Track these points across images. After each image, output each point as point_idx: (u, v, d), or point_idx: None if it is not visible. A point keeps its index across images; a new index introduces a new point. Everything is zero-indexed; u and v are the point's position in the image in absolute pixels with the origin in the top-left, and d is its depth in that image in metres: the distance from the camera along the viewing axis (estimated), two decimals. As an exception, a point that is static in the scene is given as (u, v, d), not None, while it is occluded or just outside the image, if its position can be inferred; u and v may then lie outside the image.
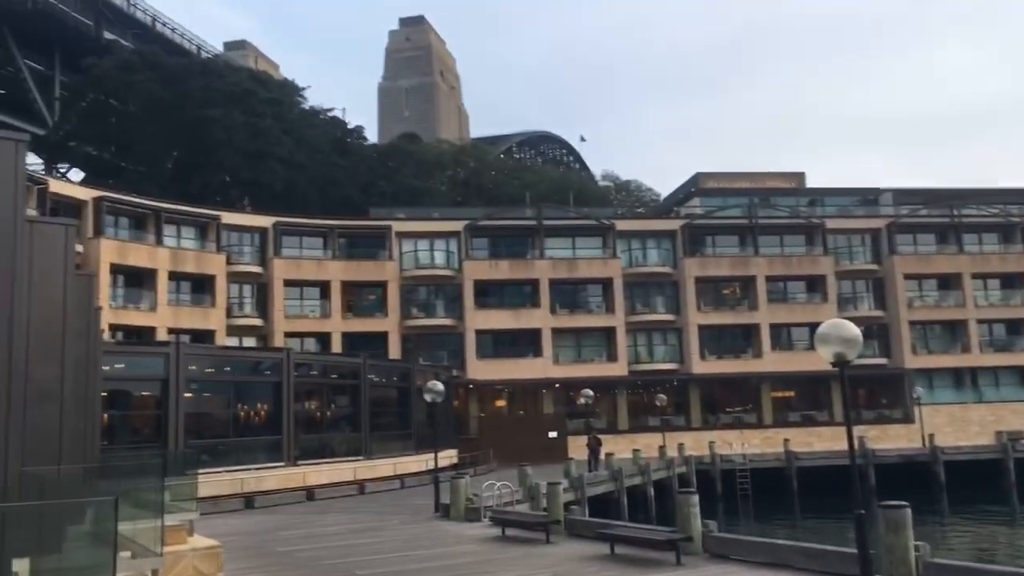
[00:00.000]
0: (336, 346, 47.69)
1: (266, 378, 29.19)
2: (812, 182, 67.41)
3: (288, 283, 48.62)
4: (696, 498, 13.77)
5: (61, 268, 9.72)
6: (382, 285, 50.39)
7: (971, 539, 30.08)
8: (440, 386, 22.35)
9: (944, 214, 56.18)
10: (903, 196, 61.90)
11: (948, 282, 54.40)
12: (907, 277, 53.86)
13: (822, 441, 46.86)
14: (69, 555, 7.68)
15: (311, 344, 48.48)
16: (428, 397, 22.38)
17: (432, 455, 36.55)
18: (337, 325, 48.86)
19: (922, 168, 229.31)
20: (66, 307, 9.70)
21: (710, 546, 13.52)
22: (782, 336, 52.57)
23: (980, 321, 53.52)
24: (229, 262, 46.84)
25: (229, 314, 46.28)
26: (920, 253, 54.93)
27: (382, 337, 49.40)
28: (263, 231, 48.96)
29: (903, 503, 10.58)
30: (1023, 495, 39.14)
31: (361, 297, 51.39)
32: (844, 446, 10.85)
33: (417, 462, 34.48)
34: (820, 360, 11.19)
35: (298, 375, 29.96)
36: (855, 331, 10.82)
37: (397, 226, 51.82)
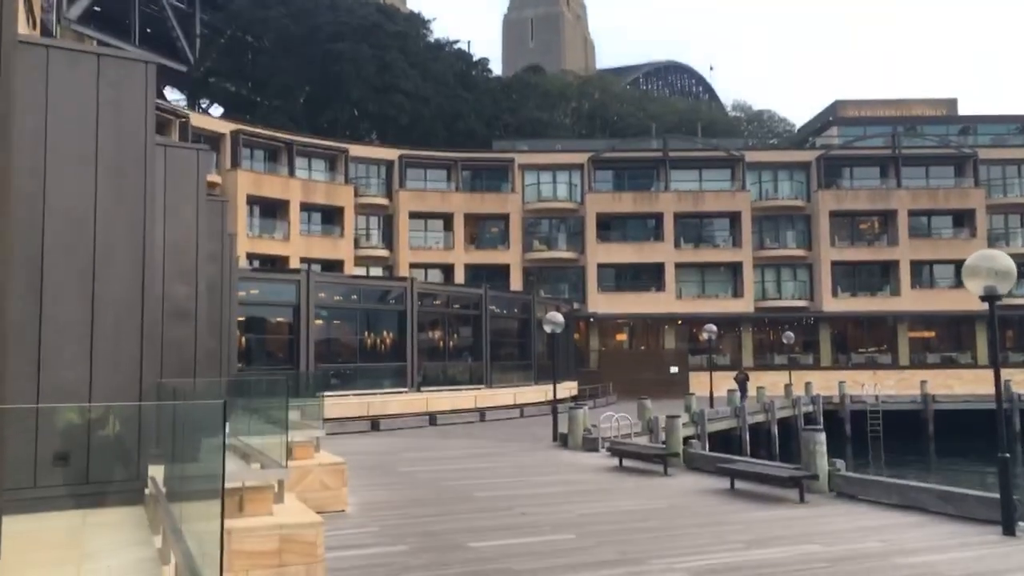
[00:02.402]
0: (459, 277, 48.47)
1: (391, 307, 30.01)
2: (965, 109, 62.49)
3: (413, 215, 49.53)
4: (823, 436, 13.24)
5: (194, 192, 10.10)
6: (504, 218, 50.60)
7: None
8: (560, 317, 22.31)
9: (1117, 142, 51.05)
10: (1069, 123, 56.60)
11: (1117, 216, 49.70)
12: (1069, 211, 49.54)
13: (963, 384, 44.31)
14: (199, 465, 8.13)
15: (435, 275, 49.47)
16: (548, 328, 22.40)
17: (551, 386, 37.03)
18: (460, 257, 49.58)
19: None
20: (199, 230, 10.10)
21: (837, 486, 13.03)
22: (923, 273, 49.67)
23: None
24: (357, 194, 48.09)
25: (357, 245, 47.73)
26: (1087, 184, 50.31)
27: (504, 269, 49.83)
28: (389, 163, 49.87)
29: (1055, 449, 9.79)
30: None
31: (484, 229, 51.83)
32: (987, 390, 10.13)
33: (536, 392, 34.87)
34: (965, 299, 10.44)
35: (421, 304, 30.63)
36: (1008, 263, 9.99)
37: (520, 159, 51.66)
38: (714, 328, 34.87)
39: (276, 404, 11.40)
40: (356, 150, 49.36)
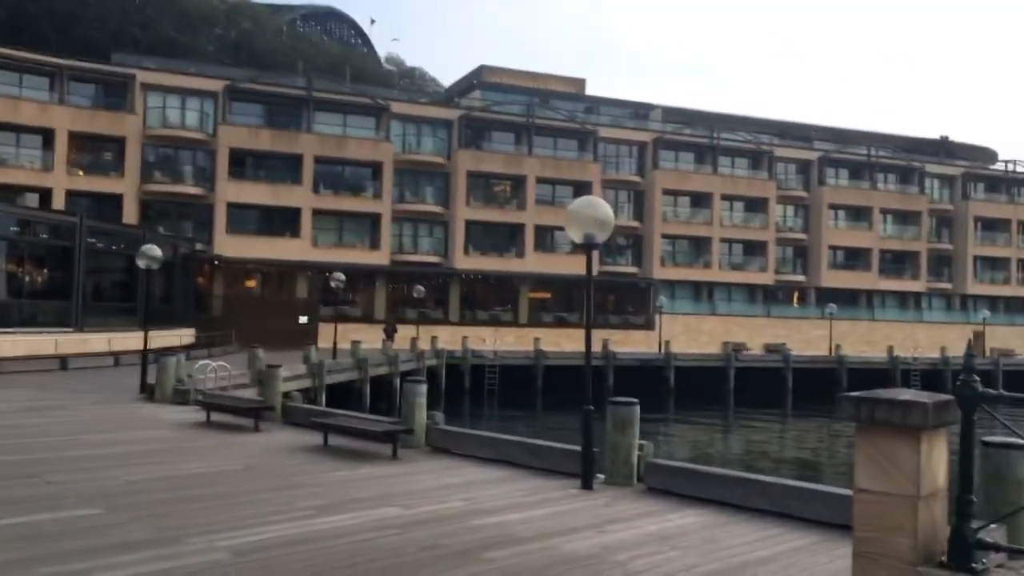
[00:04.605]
0: (59, 205, 41.81)
1: (-54, 228, 24.38)
2: (591, 90, 67.97)
3: (1, 126, 41.61)
4: (423, 387, 12.49)
5: None
6: (120, 141, 44.59)
7: (691, 440, 32.08)
8: (156, 251, 19.33)
9: (705, 135, 58.84)
10: (671, 114, 64.13)
11: (700, 200, 57.42)
12: (665, 192, 56.15)
13: (572, 342, 48.22)
14: None
15: (31, 201, 42.15)
16: (141, 263, 19.33)
17: (164, 332, 33.28)
18: (61, 181, 42.79)
19: (695, 90, 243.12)
20: None
21: (434, 439, 12.36)
22: (546, 238, 53.17)
23: (723, 240, 57.25)
24: (-79, 91, 39.10)
25: (-83, 153, 38.92)
26: (679, 170, 57.37)
27: (116, 200, 44.07)
28: (-31, 60, 41.22)
29: (632, 400, 9.83)
30: (738, 400, 42.65)
31: (94, 153, 45.26)
32: (593, 347, 9.96)
33: (140, 339, 30.86)
34: (578, 264, 10.17)
35: (-9, 229, 25.35)
36: (608, 212, 9.77)
37: (143, 76, 45.79)
38: (342, 276, 33.64)
39: None
40: (-78, 36, 40.02)
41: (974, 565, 4.46)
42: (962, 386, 4.56)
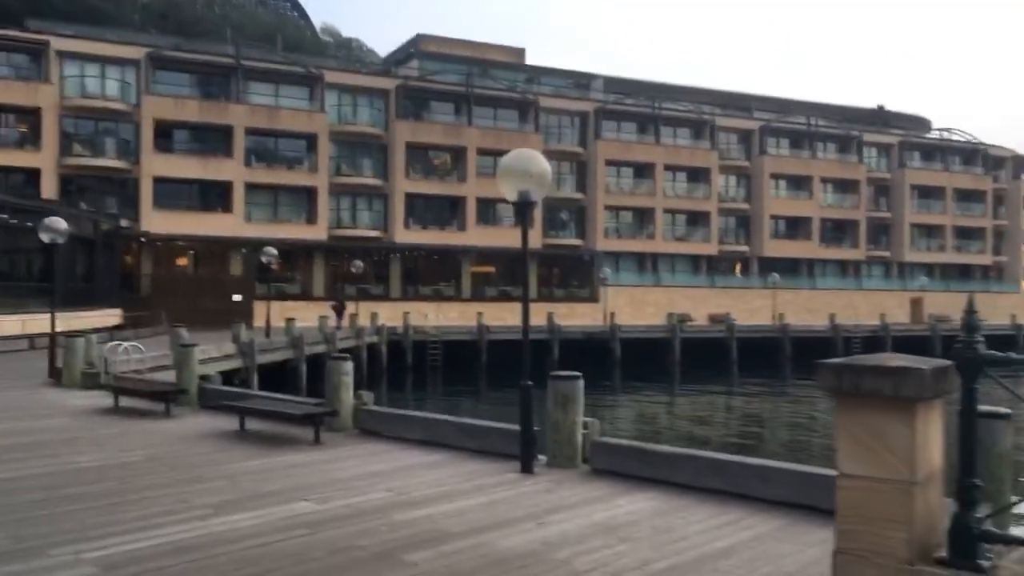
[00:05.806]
0: (-30, 181, 39.38)
1: None
2: (532, 60, 66.74)
3: (-100, 96, 38.90)
4: (349, 365, 11.44)
5: None
6: (35, 112, 42.06)
7: (638, 414, 31.57)
8: (61, 224, 17.77)
9: (647, 105, 58.21)
10: (613, 84, 63.36)
11: (643, 171, 56.89)
12: (608, 163, 55.46)
13: (516, 316, 47.18)
14: None
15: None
16: (45, 237, 17.79)
17: (87, 313, 31.49)
18: (-29, 155, 40.23)
19: (636, 60, 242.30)
20: None
21: (362, 421, 11.35)
22: (489, 211, 52.08)
23: (667, 211, 56.90)
24: None
25: None
26: (622, 140, 56.71)
27: (34, 175, 41.64)
28: None
29: (575, 374, 8.94)
30: (684, 371, 42.41)
31: (7, 125, 42.67)
32: (535, 321, 9.03)
33: (60, 320, 29.13)
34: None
35: None
36: (544, 165, 8.83)
37: (58, 43, 43.22)
38: (274, 251, 32.09)
39: None
40: None
41: (980, 561, 3.70)
42: (963, 348, 3.78)
